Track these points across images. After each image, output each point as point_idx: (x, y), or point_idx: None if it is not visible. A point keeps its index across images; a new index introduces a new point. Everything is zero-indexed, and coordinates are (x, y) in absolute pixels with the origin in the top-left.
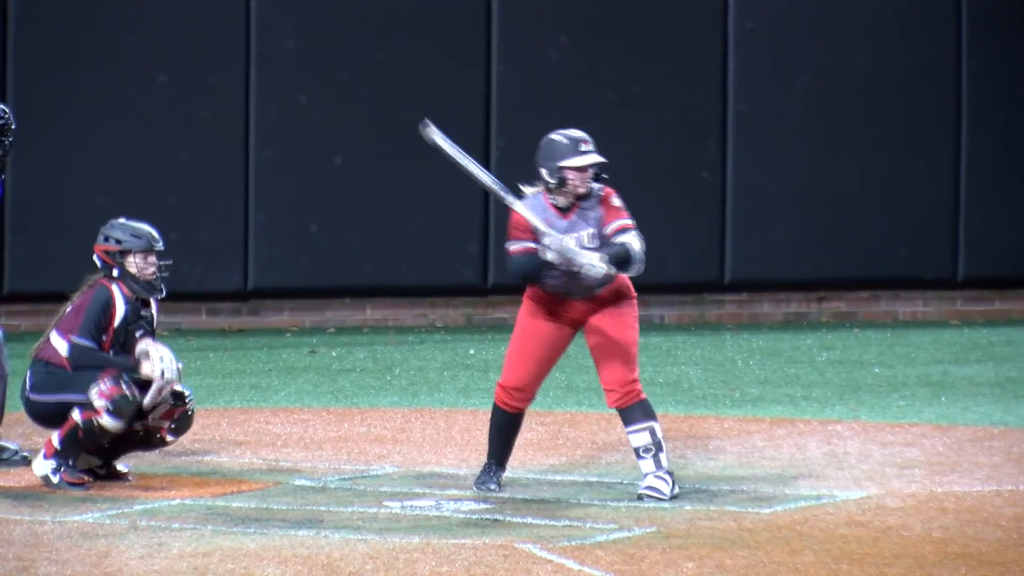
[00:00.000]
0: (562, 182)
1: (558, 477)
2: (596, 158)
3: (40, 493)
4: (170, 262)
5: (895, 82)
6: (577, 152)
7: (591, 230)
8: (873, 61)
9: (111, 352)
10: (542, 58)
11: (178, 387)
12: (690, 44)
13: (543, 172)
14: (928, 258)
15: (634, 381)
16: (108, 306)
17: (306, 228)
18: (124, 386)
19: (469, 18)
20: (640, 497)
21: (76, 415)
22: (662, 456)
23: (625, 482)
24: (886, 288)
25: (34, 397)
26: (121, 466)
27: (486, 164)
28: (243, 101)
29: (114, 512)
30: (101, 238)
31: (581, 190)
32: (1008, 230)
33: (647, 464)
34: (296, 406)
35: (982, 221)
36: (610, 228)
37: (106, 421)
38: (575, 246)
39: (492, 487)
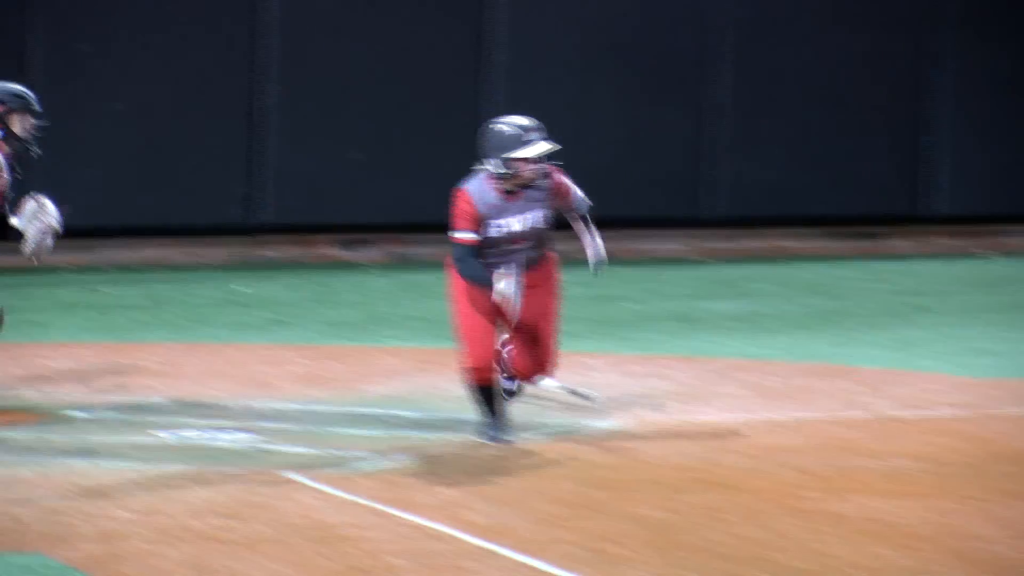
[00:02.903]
0: (514, 176)
1: (321, 408)
2: (546, 147)
3: None
4: (47, 123)
5: (651, 27)
6: (527, 139)
7: (542, 211)
8: (630, 8)
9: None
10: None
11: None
12: None
13: (491, 162)
14: (679, 197)
15: (554, 355)
16: None
17: (83, 169)
18: None
19: None
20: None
21: None
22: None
23: (389, 412)
24: (639, 226)
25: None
26: None
27: None
28: (22, 42)
29: None
30: None
31: (531, 178)
32: (756, 171)
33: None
34: (73, 341)
35: (731, 162)
36: (569, 206)
37: None
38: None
39: (510, 438)
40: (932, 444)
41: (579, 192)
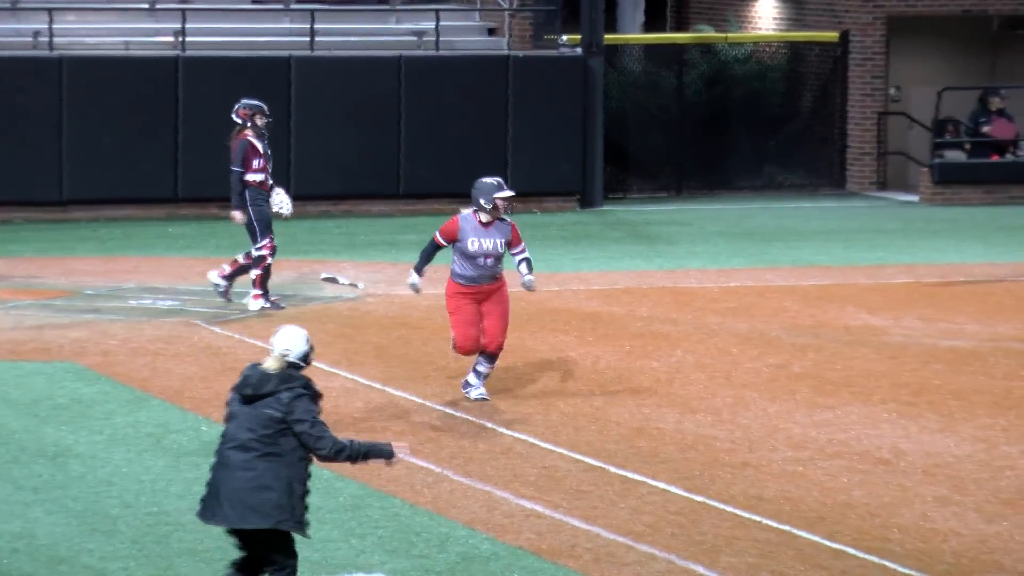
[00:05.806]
0: (495, 207)
1: (209, 289)
2: (510, 192)
3: None
4: (271, 119)
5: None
6: (502, 189)
7: (503, 239)
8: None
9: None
10: None
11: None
12: None
13: (480, 201)
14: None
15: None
16: (249, 146)
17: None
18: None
19: None
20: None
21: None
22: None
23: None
24: None
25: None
26: None
27: None
28: None
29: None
30: (241, 106)
31: (503, 212)
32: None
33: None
34: (87, 256)
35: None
36: (516, 248)
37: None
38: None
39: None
40: (521, 303)
41: (526, 250)
